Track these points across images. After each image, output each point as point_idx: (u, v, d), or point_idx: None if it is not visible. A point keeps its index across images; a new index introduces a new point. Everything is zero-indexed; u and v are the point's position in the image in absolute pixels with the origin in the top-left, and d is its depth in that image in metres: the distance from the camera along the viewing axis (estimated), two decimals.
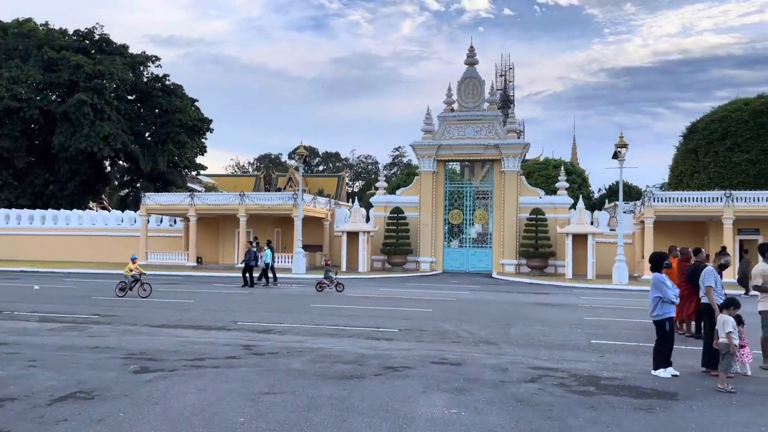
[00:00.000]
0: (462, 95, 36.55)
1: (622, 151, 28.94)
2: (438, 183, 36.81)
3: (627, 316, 15.69)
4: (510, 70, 71.99)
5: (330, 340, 11.17)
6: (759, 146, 43.66)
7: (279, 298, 19.36)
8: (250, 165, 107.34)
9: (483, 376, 8.23)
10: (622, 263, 28.57)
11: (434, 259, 36.11)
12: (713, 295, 8.96)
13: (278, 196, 36.51)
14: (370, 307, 16.72)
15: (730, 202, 29.51)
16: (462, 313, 15.75)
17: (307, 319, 14.06)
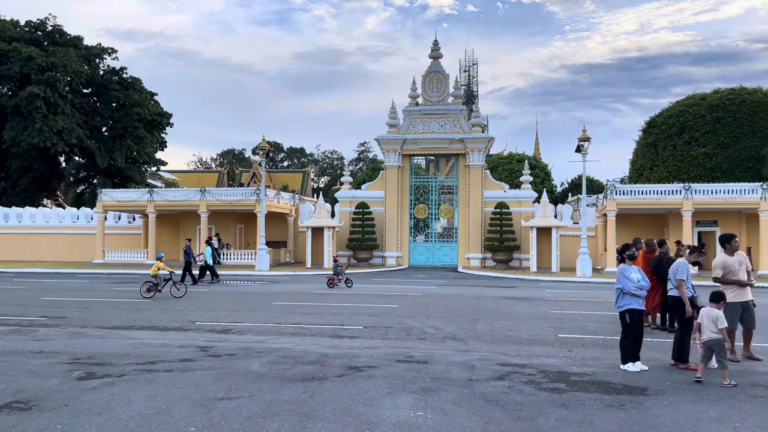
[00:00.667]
0: (427, 89, 36.33)
1: (584, 144, 29.13)
2: (403, 177, 36.55)
3: (592, 308, 15.66)
4: (474, 66, 72.16)
5: (292, 340, 10.75)
6: (715, 140, 44.69)
7: (240, 296, 18.79)
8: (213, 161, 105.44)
9: (450, 375, 7.93)
10: (586, 256, 28.80)
11: (400, 254, 35.87)
12: (684, 288, 8.83)
13: (240, 192, 35.74)
14: (334, 304, 16.31)
15: (689, 194, 30.01)
16: (428, 308, 15.48)
17: (268, 318, 13.58)
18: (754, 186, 29.75)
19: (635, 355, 8.39)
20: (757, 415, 6.17)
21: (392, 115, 36.68)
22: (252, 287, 22.39)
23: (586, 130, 29.35)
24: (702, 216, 31.72)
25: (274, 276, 28.49)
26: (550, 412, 6.25)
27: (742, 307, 8.95)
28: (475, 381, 7.61)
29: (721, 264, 9.21)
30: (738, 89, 46.22)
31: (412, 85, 36.69)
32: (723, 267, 9.17)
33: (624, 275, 8.58)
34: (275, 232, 38.79)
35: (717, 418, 6.07)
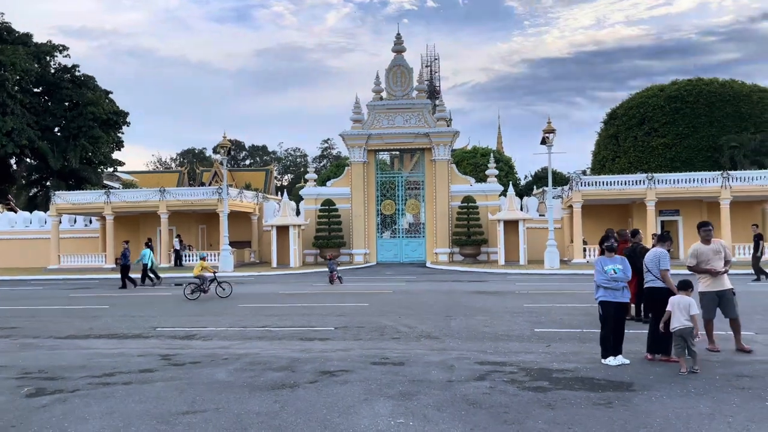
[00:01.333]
0: (390, 83, 35.95)
1: (550, 136, 29.20)
2: (369, 173, 36.11)
3: (565, 301, 15.53)
4: (435, 61, 72.15)
5: (259, 344, 10.23)
6: (674, 131, 45.54)
7: (204, 299, 18.09)
8: (172, 161, 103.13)
9: (429, 377, 7.56)
10: (553, 248, 28.88)
11: (368, 250, 35.46)
12: (670, 278, 8.61)
13: (202, 191, 34.79)
14: (302, 305, 15.81)
15: (652, 184, 30.39)
16: (400, 306, 15.12)
17: (233, 322, 13.01)
18: (714, 175, 30.31)
19: (616, 348, 8.17)
20: (748, 408, 5.97)
21: (356, 110, 36.19)
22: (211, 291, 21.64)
23: (551, 122, 29.41)
24: (664, 205, 32.17)
25: (238, 277, 27.73)
26: (537, 414, 5.93)
27: (718, 297, 8.81)
28: (456, 382, 7.25)
29: (694, 252, 9.09)
30: (695, 80, 47.20)
31: (376, 80, 36.26)
32: (696, 255, 9.03)
33: (597, 267, 8.37)
34: (239, 232, 37.92)
35: (708, 413, 5.85)
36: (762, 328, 10.83)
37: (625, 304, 8.28)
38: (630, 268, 8.33)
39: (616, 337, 8.19)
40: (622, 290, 8.18)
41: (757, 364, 7.89)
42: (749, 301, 14.45)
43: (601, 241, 8.57)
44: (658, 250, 8.87)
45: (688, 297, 7.94)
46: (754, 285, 19.36)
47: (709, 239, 9.00)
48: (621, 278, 8.16)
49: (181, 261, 33.95)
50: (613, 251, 8.43)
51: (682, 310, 7.82)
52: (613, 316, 8.13)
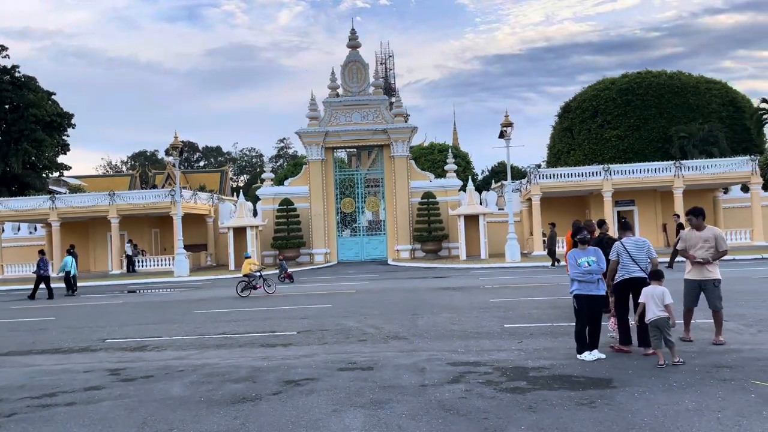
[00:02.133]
0: (347, 79, 35.40)
1: (507, 130, 29.19)
2: (327, 171, 35.51)
3: (530, 294, 15.35)
4: (390, 58, 71.83)
5: (218, 353, 9.61)
6: (626, 122, 46.46)
7: (157, 306, 17.26)
8: (123, 164, 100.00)
9: (400, 381, 7.13)
10: (514, 241, 28.90)
11: (328, 250, 34.88)
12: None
13: (154, 194, 33.54)
14: (262, 308, 15.19)
15: (608, 175, 30.76)
16: (364, 305, 14.66)
17: (190, 329, 12.31)
18: (668, 164, 30.89)
19: (592, 343, 7.91)
20: (734, 402, 5.74)
21: (312, 107, 35.52)
22: (170, 295, 20.80)
23: (508, 115, 29.41)
24: (620, 196, 32.62)
25: (194, 281, 26.81)
26: (519, 418, 5.56)
27: (699, 286, 8.66)
28: (429, 386, 6.84)
29: (683, 237, 8.99)
30: (644, 73, 48.26)
31: (332, 76, 35.66)
32: (684, 240, 8.91)
33: (570, 261, 8.12)
34: (194, 235, 36.80)
35: (695, 408, 5.59)
36: (729, 314, 10.78)
37: (600, 297, 8.02)
38: (605, 260, 8.08)
39: (592, 332, 7.94)
40: (597, 283, 7.92)
41: (733, 353, 7.74)
42: None
43: (573, 234, 8.30)
44: (644, 240, 8.68)
45: (661, 287, 7.76)
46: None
47: (698, 226, 8.80)
48: (595, 270, 7.91)
49: (134, 267, 32.70)
50: (586, 243, 8.17)
51: (657, 301, 7.63)
52: (588, 310, 7.87)
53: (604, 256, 11.11)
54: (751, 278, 16.91)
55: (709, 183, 31.24)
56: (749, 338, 8.73)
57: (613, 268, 8.51)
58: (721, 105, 45.80)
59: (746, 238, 29.77)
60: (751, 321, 10.07)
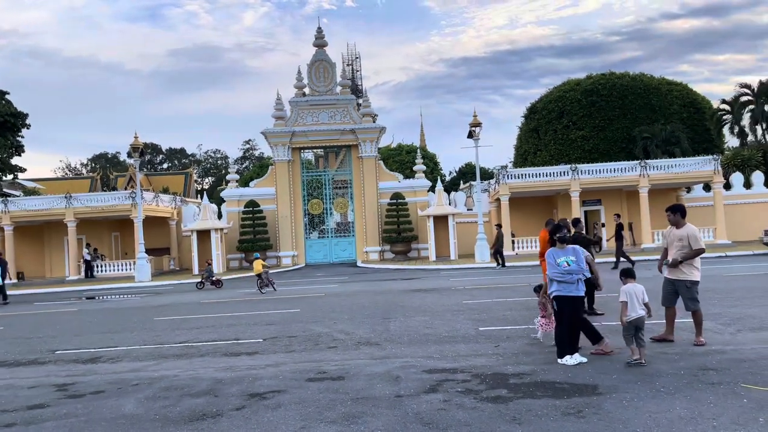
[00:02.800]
0: (313, 79, 34.81)
1: (476, 130, 29.05)
2: (294, 172, 34.84)
3: (503, 295, 15.06)
4: (357, 60, 71.43)
5: (177, 364, 8.99)
6: (591, 123, 46.89)
7: (115, 313, 16.43)
8: (83, 166, 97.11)
9: (374, 392, 6.66)
10: (483, 242, 28.74)
11: (296, 252, 34.20)
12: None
13: (113, 196, 32.36)
14: (227, 314, 14.54)
15: (576, 175, 30.86)
16: (333, 309, 14.15)
17: (148, 338, 11.62)
18: (633, 164, 31.15)
19: (572, 346, 7.59)
20: (728, 407, 5.45)
21: (278, 106, 34.81)
22: (130, 302, 19.92)
23: (477, 115, 29.25)
24: (587, 195, 32.79)
25: (156, 287, 25.87)
26: (504, 431, 5.15)
27: (673, 285, 8.43)
28: (405, 397, 6.40)
29: (664, 234, 8.86)
30: (608, 74, 48.82)
31: (298, 75, 35.01)
32: (665, 238, 8.74)
33: (549, 260, 7.79)
34: (156, 239, 35.70)
35: (689, 416, 5.27)
36: (705, 313, 10.62)
37: (580, 299, 7.71)
38: (584, 260, 7.76)
39: (571, 335, 7.61)
40: (576, 283, 7.60)
41: (716, 355, 7.50)
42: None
43: (552, 232, 7.98)
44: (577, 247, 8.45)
45: (639, 285, 7.51)
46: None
47: (675, 223, 8.56)
48: (575, 270, 7.59)
49: (93, 272, 31.49)
50: (565, 242, 7.85)
51: (638, 299, 7.38)
52: (570, 311, 7.54)
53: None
54: (719, 276, 16.96)
55: (674, 182, 31.62)
56: (729, 338, 8.53)
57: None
58: (682, 106, 46.61)
59: (709, 236, 30.19)
60: (728, 320, 9.92)
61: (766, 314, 10.26)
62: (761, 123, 38.54)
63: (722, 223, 30.11)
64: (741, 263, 21.46)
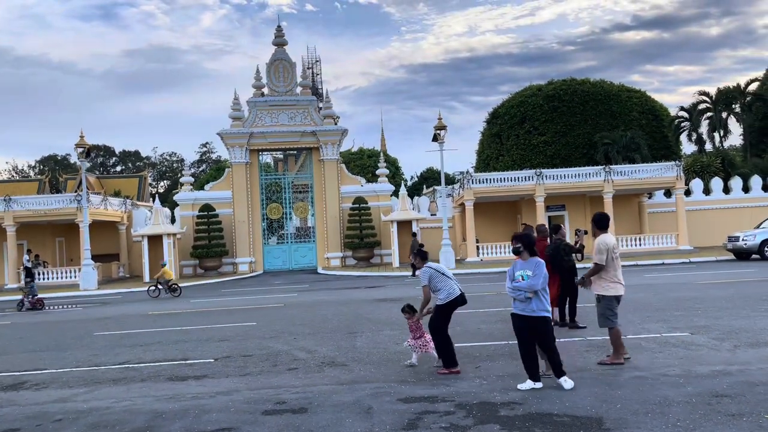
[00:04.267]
0: (273, 79, 33.54)
1: (441, 133, 28.37)
2: (252, 175, 33.46)
3: (474, 305, 14.15)
4: (317, 63, 70.18)
5: (112, 392, 7.79)
6: (553, 128, 46.87)
7: (51, 327, 14.93)
8: (31, 168, 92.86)
9: (342, 429, 5.65)
10: (448, 247, 28.02)
11: (253, 259, 32.81)
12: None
13: (57, 199, 30.35)
14: (176, 328, 13.28)
15: (541, 180, 30.45)
16: (293, 322, 13.05)
17: (83, 358, 10.32)
18: (598, 169, 30.95)
19: (528, 369, 6.79)
20: None
21: (235, 107, 33.41)
22: (71, 313, 18.36)
23: (442, 118, 28.56)
24: (552, 201, 32.43)
25: (102, 296, 24.22)
26: None
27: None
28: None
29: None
30: (569, 80, 48.96)
31: (256, 75, 33.71)
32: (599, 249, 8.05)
33: (508, 272, 7.04)
34: (105, 244, 33.75)
35: None
36: (692, 326, 10.01)
37: (536, 319, 6.72)
38: (543, 275, 6.75)
39: (524, 356, 6.81)
40: (528, 301, 6.72)
41: (723, 377, 6.77)
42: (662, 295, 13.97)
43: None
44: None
45: None
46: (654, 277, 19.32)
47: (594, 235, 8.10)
48: (522, 287, 6.70)
49: (33, 280, 29.34)
50: (518, 254, 6.97)
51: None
52: (525, 332, 6.76)
53: (558, 264, 10.12)
54: (693, 284, 16.56)
55: (637, 188, 31.56)
56: (729, 356, 7.84)
57: (427, 298, 7.99)
58: (641, 113, 47.04)
59: (672, 242, 30.20)
60: (720, 334, 9.28)
61: (758, 327, 9.67)
62: (719, 130, 39.09)
63: (684, 229, 30.14)
64: (708, 269, 21.26)
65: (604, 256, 7.62)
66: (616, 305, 7.67)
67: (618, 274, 7.68)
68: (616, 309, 7.68)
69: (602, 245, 7.68)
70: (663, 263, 25.69)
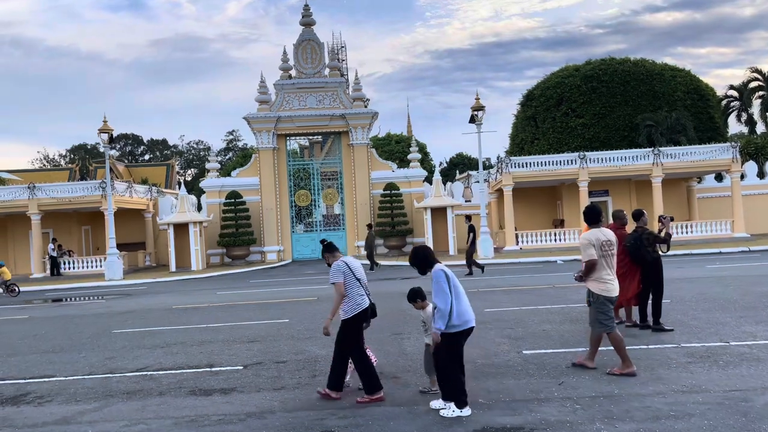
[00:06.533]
0: (300, 60, 32.20)
1: (479, 114, 26.75)
2: (280, 161, 32.29)
3: (529, 301, 12.80)
4: (342, 49, 68.75)
5: (125, 409, 6.58)
6: (591, 110, 44.68)
7: (69, 322, 13.91)
8: (62, 158, 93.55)
9: None
10: (487, 236, 26.51)
11: (282, 247, 31.73)
12: None
13: (81, 187, 29.58)
14: (202, 325, 12.12)
15: (584, 163, 28.69)
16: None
17: (98, 361, 9.19)
18: (646, 152, 29.07)
19: (452, 392, 5.79)
20: None
21: (262, 90, 32.19)
22: (92, 306, 17.39)
23: (479, 98, 26.94)
24: (594, 186, 30.60)
25: (127, 286, 23.34)
26: None
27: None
28: None
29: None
30: (608, 60, 46.61)
31: (283, 56, 32.40)
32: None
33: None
34: (130, 233, 33.04)
35: None
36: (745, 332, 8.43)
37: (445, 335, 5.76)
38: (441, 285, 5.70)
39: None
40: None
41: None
42: (744, 290, 12.34)
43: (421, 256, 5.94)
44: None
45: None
46: (719, 268, 17.61)
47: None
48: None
49: (59, 269, 28.80)
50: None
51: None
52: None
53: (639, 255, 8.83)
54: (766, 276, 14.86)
55: (688, 171, 29.57)
56: None
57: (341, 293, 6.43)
58: (686, 93, 44.52)
59: (726, 229, 28.20)
60: None
61: None
62: None
63: (740, 215, 28.08)
64: None
65: (592, 251, 6.86)
66: (610, 308, 6.93)
67: (607, 274, 6.92)
68: (611, 312, 6.93)
69: (583, 241, 7.01)
70: (720, 252, 23.86)
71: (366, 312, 6.46)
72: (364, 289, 6.53)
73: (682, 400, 5.65)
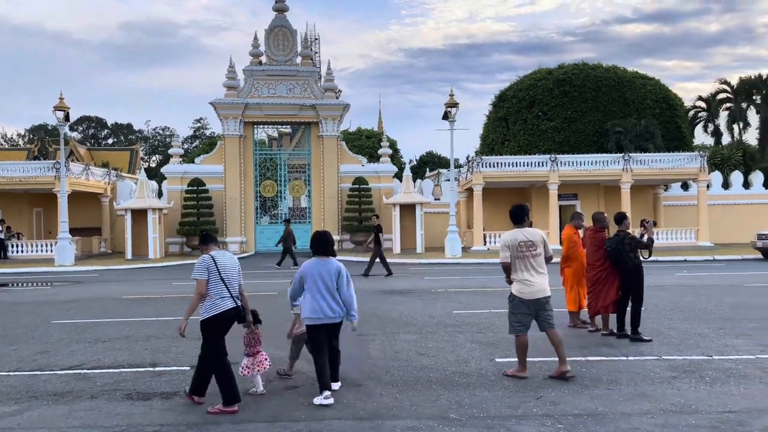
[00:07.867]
0: (271, 46, 31.23)
1: (452, 111, 26.27)
2: (246, 149, 31.29)
3: (496, 303, 12.22)
4: (316, 41, 67.67)
5: (48, 415, 5.77)
6: (563, 114, 44.68)
7: (7, 311, 12.85)
8: (20, 137, 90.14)
9: None
10: (455, 234, 26.10)
11: (244, 238, 30.77)
12: None
13: (34, 166, 28.10)
14: (151, 318, 11.27)
15: (555, 166, 28.54)
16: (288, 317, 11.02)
17: (30, 355, 8.30)
18: (616, 157, 29.06)
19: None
20: None
21: (231, 75, 31.12)
22: (36, 293, 16.29)
23: (453, 94, 26.46)
24: (563, 189, 30.48)
25: (78, 273, 22.16)
26: None
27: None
28: None
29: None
30: (581, 64, 46.70)
31: (254, 41, 31.38)
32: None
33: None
34: (86, 217, 31.63)
35: None
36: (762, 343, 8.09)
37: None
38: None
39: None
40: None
41: None
42: (717, 300, 12.06)
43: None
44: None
45: None
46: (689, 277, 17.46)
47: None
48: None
49: (6, 253, 27.31)
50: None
51: None
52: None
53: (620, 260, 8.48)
54: (742, 286, 14.69)
55: (656, 178, 29.70)
56: None
57: (199, 292, 5.92)
58: (655, 102, 44.88)
59: (691, 237, 28.37)
60: None
61: None
62: (739, 122, 37.15)
63: (705, 225, 28.28)
64: (742, 270, 19.41)
65: (507, 254, 6.83)
66: (525, 310, 6.71)
67: (529, 276, 6.69)
68: (524, 317, 6.73)
69: (501, 242, 6.99)
70: (685, 260, 23.89)
71: (225, 316, 5.85)
72: (229, 291, 5.89)
73: (673, 422, 5.15)
